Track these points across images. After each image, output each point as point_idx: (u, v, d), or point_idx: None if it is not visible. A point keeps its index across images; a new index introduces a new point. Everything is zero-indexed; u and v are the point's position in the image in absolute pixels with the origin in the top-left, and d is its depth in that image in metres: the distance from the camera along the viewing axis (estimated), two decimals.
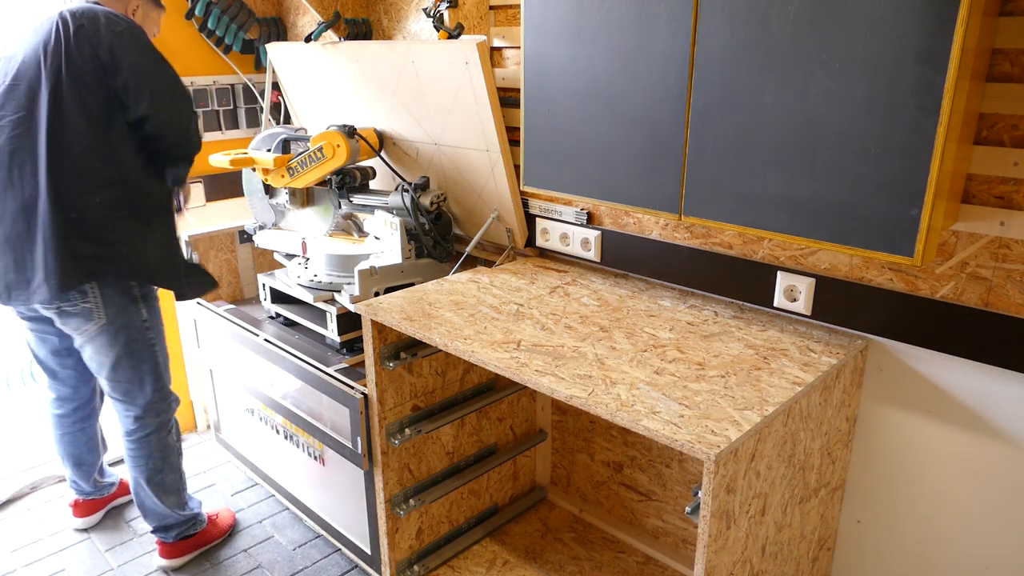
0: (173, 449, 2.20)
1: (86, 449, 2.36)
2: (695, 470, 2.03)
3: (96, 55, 1.83)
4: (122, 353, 2.03)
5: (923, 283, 1.52)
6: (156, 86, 1.89)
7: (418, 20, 2.40)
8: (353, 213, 2.53)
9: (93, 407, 2.34)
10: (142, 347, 2.05)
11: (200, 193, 2.79)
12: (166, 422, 2.17)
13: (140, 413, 2.11)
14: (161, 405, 2.14)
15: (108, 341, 2.00)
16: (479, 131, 2.11)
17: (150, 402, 2.11)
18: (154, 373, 2.10)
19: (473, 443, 2.24)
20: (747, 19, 1.36)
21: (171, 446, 2.19)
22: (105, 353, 2.02)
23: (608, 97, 1.64)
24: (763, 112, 1.39)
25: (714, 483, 1.21)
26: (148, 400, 2.11)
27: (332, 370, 2.08)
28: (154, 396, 2.11)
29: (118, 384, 2.08)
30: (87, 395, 2.30)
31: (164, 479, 2.19)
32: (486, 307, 1.84)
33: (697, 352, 1.57)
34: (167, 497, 2.21)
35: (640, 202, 1.65)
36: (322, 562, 2.31)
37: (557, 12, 1.68)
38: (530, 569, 2.13)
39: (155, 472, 2.17)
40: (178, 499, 2.24)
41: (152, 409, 2.12)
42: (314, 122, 2.78)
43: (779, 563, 1.55)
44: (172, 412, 2.19)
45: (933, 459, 1.61)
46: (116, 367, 2.04)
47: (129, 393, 2.09)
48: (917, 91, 1.19)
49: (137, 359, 2.05)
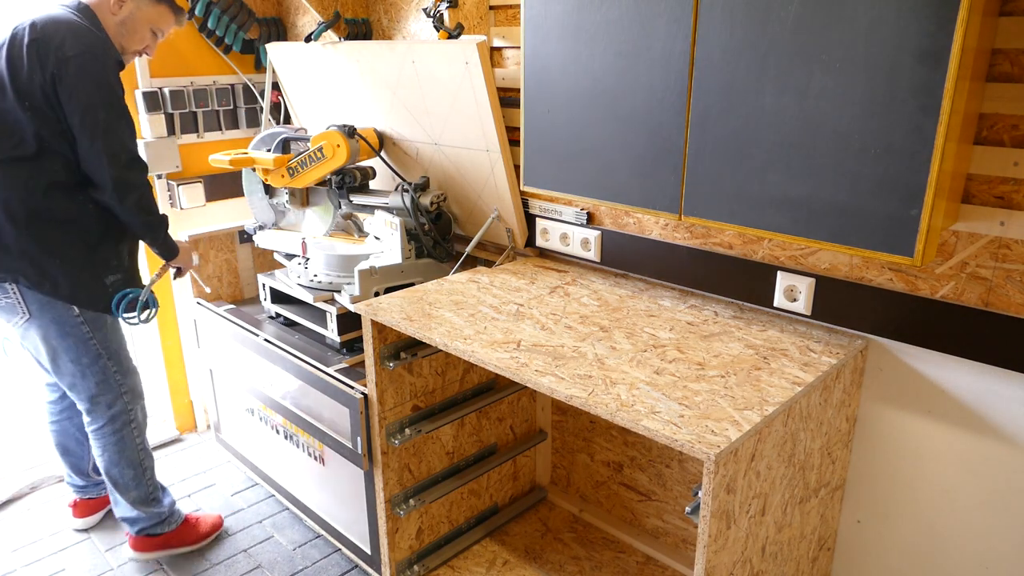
0: (129, 445, 2.16)
1: (74, 440, 2.36)
2: (695, 470, 2.03)
3: (42, 76, 1.81)
4: (57, 347, 2.02)
5: (923, 283, 1.52)
6: (94, 128, 1.85)
7: (418, 20, 2.40)
8: (353, 213, 2.53)
9: None
10: (77, 341, 2.02)
11: (200, 193, 2.79)
12: (118, 415, 2.13)
13: (88, 406, 2.11)
14: (108, 398, 2.10)
15: (38, 335, 2.00)
16: (479, 131, 2.11)
17: (94, 396, 2.09)
18: (95, 366, 2.06)
19: (473, 443, 2.24)
20: (747, 19, 1.36)
21: (127, 441, 2.15)
22: (39, 347, 2.03)
23: (608, 97, 1.64)
24: (763, 112, 1.39)
25: (714, 483, 1.21)
26: (91, 394, 2.08)
27: (332, 370, 2.08)
28: (97, 390, 2.08)
29: (62, 377, 2.08)
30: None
31: (121, 474, 2.17)
32: (486, 307, 1.84)
33: (697, 352, 1.57)
34: (125, 492, 2.19)
35: (640, 202, 1.65)
36: (322, 562, 2.31)
37: (557, 12, 1.68)
38: (530, 569, 2.13)
39: (110, 465, 2.16)
40: (138, 495, 2.21)
41: (99, 402, 2.10)
42: (314, 122, 2.78)
43: (779, 563, 1.55)
44: (126, 406, 2.14)
45: (933, 459, 1.61)
46: (54, 360, 2.04)
47: (73, 387, 2.09)
48: (917, 91, 1.19)
49: (76, 352, 2.03)
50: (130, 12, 1.99)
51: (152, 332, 2.88)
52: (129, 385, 2.15)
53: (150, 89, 2.62)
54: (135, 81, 2.61)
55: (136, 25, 2.01)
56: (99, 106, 1.85)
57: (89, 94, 1.84)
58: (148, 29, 2.04)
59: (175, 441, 2.99)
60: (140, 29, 2.02)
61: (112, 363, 2.09)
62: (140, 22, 2.02)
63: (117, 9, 1.98)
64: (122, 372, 2.12)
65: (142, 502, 2.22)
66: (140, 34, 2.04)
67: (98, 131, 1.86)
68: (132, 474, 2.18)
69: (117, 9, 1.98)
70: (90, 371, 2.06)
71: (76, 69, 1.82)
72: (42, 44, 1.81)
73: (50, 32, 1.83)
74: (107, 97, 1.87)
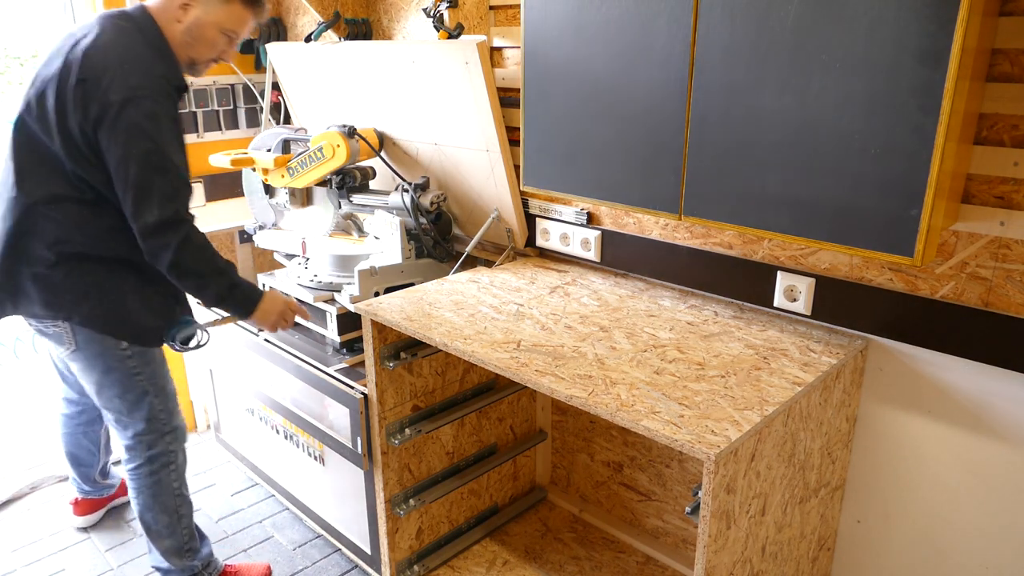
0: (167, 490, 1.98)
1: (86, 452, 2.33)
2: (695, 470, 2.03)
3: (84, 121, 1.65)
4: (102, 381, 1.88)
5: (923, 283, 1.52)
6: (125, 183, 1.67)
7: (418, 20, 2.40)
8: (353, 213, 2.53)
9: (99, 414, 2.25)
10: (123, 376, 1.88)
11: (200, 193, 2.79)
12: (157, 456, 1.96)
13: (129, 443, 1.95)
14: (150, 438, 1.94)
15: (84, 367, 1.88)
16: (479, 131, 2.11)
17: (137, 433, 1.94)
18: (141, 403, 1.91)
19: (473, 443, 2.24)
20: (747, 19, 1.36)
21: (164, 486, 1.97)
22: (85, 377, 1.91)
23: (608, 97, 1.64)
24: (763, 112, 1.39)
25: (714, 483, 1.21)
26: (136, 431, 1.93)
27: (332, 370, 2.08)
28: (144, 427, 1.93)
29: (107, 409, 1.95)
30: (93, 402, 2.13)
31: (155, 520, 1.99)
32: (486, 307, 1.84)
33: (697, 352, 1.57)
34: (158, 540, 2.02)
35: (640, 202, 1.65)
36: (322, 562, 2.31)
37: (557, 12, 1.68)
38: (530, 569, 2.13)
39: (144, 510, 1.99)
40: (172, 544, 2.02)
41: (141, 441, 1.94)
42: (314, 122, 2.78)
43: (779, 563, 1.55)
44: (167, 447, 1.97)
45: (933, 459, 1.61)
46: (100, 393, 1.91)
47: (118, 420, 1.95)
48: (917, 91, 1.19)
49: (121, 388, 1.89)
50: (196, 18, 1.75)
51: None
52: (173, 425, 1.99)
53: None
54: None
55: (205, 31, 1.78)
56: (133, 158, 1.65)
57: (125, 144, 1.64)
58: (220, 33, 1.80)
59: None
60: (211, 35, 1.79)
61: (158, 401, 1.94)
62: (210, 27, 1.78)
63: (182, 15, 1.75)
64: (167, 411, 1.97)
65: (175, 553, 2.04)
66: (211, 41, 1.80)
67: (128, 187, 1.67)
68: (167, 521, 2.00)
69: (182, 15, 1.75)
70: (136, 408, 1.92)
71: (115, 116, 1.63)
72: (89, 86, 1.63)
73: (98, 70, 1.63)
74: (144, 147, 1.65)
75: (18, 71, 2.78)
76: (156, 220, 1.69)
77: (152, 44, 1.73)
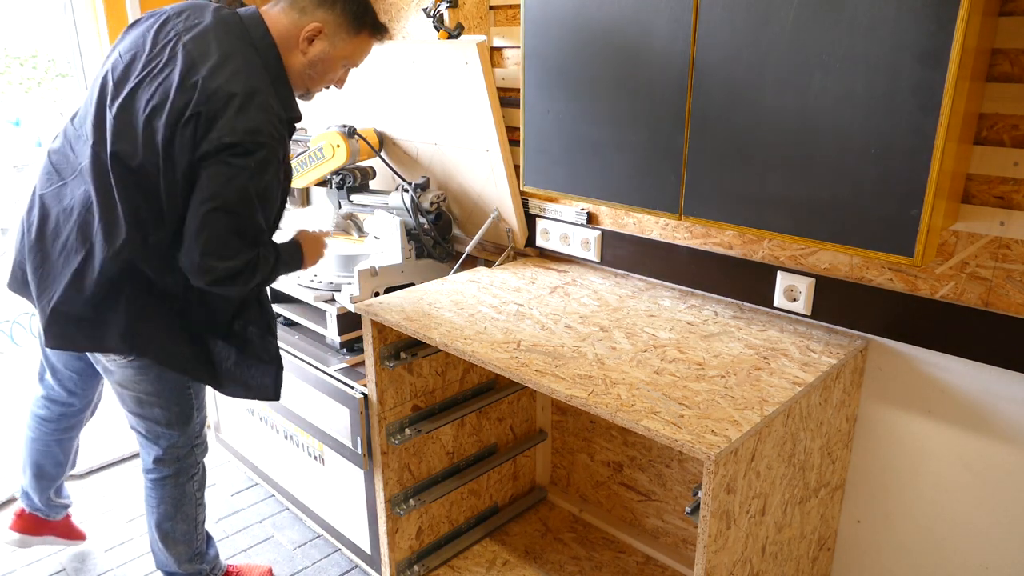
0: (190, 499, 1.95)
1: (53, 463, 2.10)
2: (695, 470, 2.03)
3: (192, 157, 1.49)
4: (151, 390, 1.77)
5: (923, 283, 1.52)
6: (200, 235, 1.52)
7: (418, 20, 2.40)
8: (353, 213, 2.53)
9: (80, 419, 2.09)
10: (174, 386, 1.79)
11: None
12: (185, 469, 1.92)
13: (160, 455, 1.87)
14: (182, 451, 1.89)
15: (136, 375, 1.74)
16: (479, 131, 2.11)
17: (172, 446, 1.86)
18: (184, 416, 1.84)
19: (473, 443, 2.24)
20: (747, 19, 1.36)
21: (188, 495, 1.95)
22: (132, 387, 1.77)
23: (608, 97, 1.64)
24: (763, 112, 1.39)
25: (714, 483, 1.21)
26: (171, 443, 1.86)
27: (332, 370, 2.08)
28: (179, 440, 1.86)
29: (142, 421, 1.83)
30: (80, 406, 2.05)
31: (174, 528, 1.96)
32: (486, 307, 1.84)
33: (697, 352, 1.57)
34: (174, 546, 1.98)
35: (640, 202, 1.65)
36: (322, 562, 2.31)
37: (557, 12, 1.68)
38: (530, 569, 2.13)
39: (164, 519, 1.94)
40: (187, 550, 2.00)
41: (172, 453, 1.88)
42: (314, 122, 2.78)
43: (779, 563, 1.55)
44: (196, 458, 1.94)
45: (933, 459, 1.61)
46: (142, 403, 1.79)
47: (151, 431, 1.84)
48: (917, 91, 1.19)
49: (167, 398, 1.80)
50: (323, 51, 1.64)
51: None
52: (203, 438, 1.95)
53: None
54: None
55: (328, 65, 1.68)
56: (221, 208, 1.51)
57: (215, 191, 1.50)
58: (341, 66, 1.72)
59: None
60: (333, 68, 1.70)
61: (199, 415, 1.89)
62: (334, 61, 1.68)
63: (307, 47, 1.62)
64: (201, 422, 1.92)
65: (188, 559, 2.01)
66: (332, 72, 1.71)
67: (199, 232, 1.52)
68: (185, 528, 1.97)
69: (307, 47, 1.62)
70: (180, 421, 1.84)
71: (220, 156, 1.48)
72: (205, 120, 1.47)
73: (217, 103, 1.47)
74: (238, 201, 1.51)
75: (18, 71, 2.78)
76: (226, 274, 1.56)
77: (271, 72, 1.59)
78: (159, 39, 1.57)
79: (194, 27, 1.56)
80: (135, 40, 1.60)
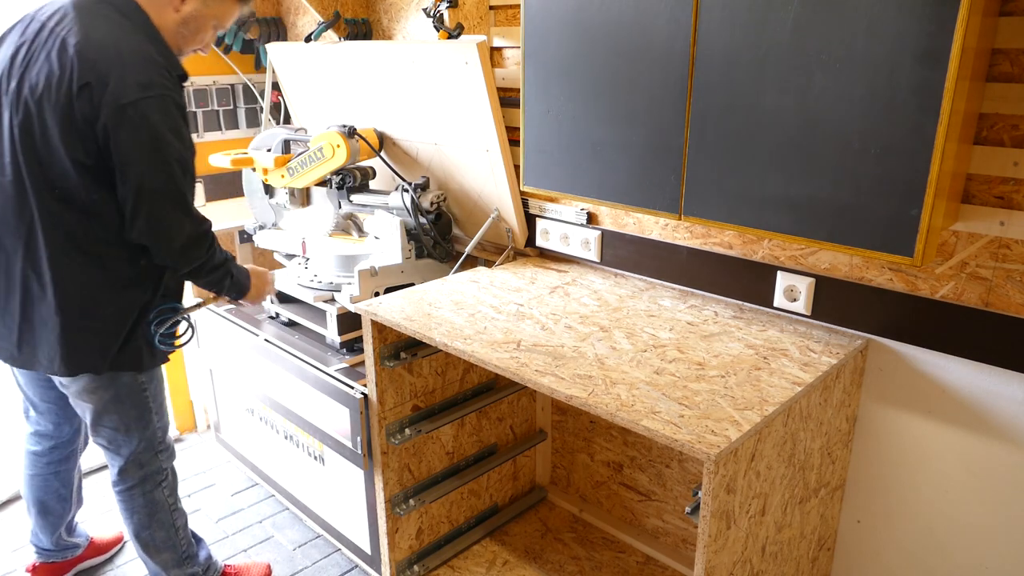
0: (162, 506, 1.95)
1: (55, 497, 2.09)
2: (695, 470, 2.03)
3: (93, 130, 1.54)
4: (109, 398, 1.80)
5: (923, 283, 1.52)
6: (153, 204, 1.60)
7: (418, 20, 2.40)
8: (353, 213, 2.53)
9: (73, 449, 2.09)
10: (132, 393, 1.82)
11: (200, 193, 2.79)
12: (151, 476, 1.92)
13: (123, 464, 1.88)
14: (145, 456, 1.89)
15: (95, 385, 1.78)
16: (479, 131, 2.11)
17: (134, 452, 1.87)
18: (142, 421, 1.86)
19: (473, 443, 2.24)
20: (747, 19, 1.36)
21: (159, 502, 1.94)
22: (88, 398, 1.79)
23: (608, 97, 1.64)
24: (763, 112, 1.39)
25: (714, 483, 1.21)
26: (132, 450, 1.87)
27: (332, 370, 2.08)
28: (140, 446, 1.87)
29: (103, 431, 1.85)
30: (68, 434, 2.05)
31: (152, 536, 1.96)
32: (486, 307, 1.84)
33: (697, 352, 1.57)
34: (157, 554, 1.98)
35: (640, 202, 1.65)
36: (322, 562, 2.31)
37: (557, 12, 1.68)
38: (530, 569, 2.13)
39: (141, 529, 1.95)
40: (173, 556, 2.00)
41: (136, 460, 1.88)
42: (314, 122, 2.78)
43: (779, 563, 1.55)
44: (161, 464, 1.94)
45: (933, 459, 1.61)
46: (101, 414, 1.82)
47: (113, 441, 1.86)
48: (917, 91, 1.19)
49: (126, 404, 1.82)
50: (195, 9, 1.69)
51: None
52: (167, 443, 1.96)
53: None
54: None
55: (200, 24, 1.72)
56: (158, 167, 1.59)
57: (149, 153, 1.57)
58: (212, 26, 1.76)
59: (175, 441, 2.98)
60: (204, 27, 1.74)
61: (158, 419, 1.91)
62: (206, 19, 1.73)
63: (180, 5, 1.67)
64: (163, 429, 1.93)
65: (175, 564, 2.01)
66: (203, 33, 1.75)
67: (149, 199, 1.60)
68: (164, 535, 1.97)
69: (180, 5, 1.67)
70: (136, 426, 1.85)
71: (131, 121, 1.54)
72: (96, 91, 1.52)
73: (103, 69, 1.52)
74: (169, 154, 1.60)
75: None
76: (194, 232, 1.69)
77: (145, 32, 1.64)
78: (27, 35, 1.63)
79: (57, 12, 1.62)
80: (7, 46, 1.66)
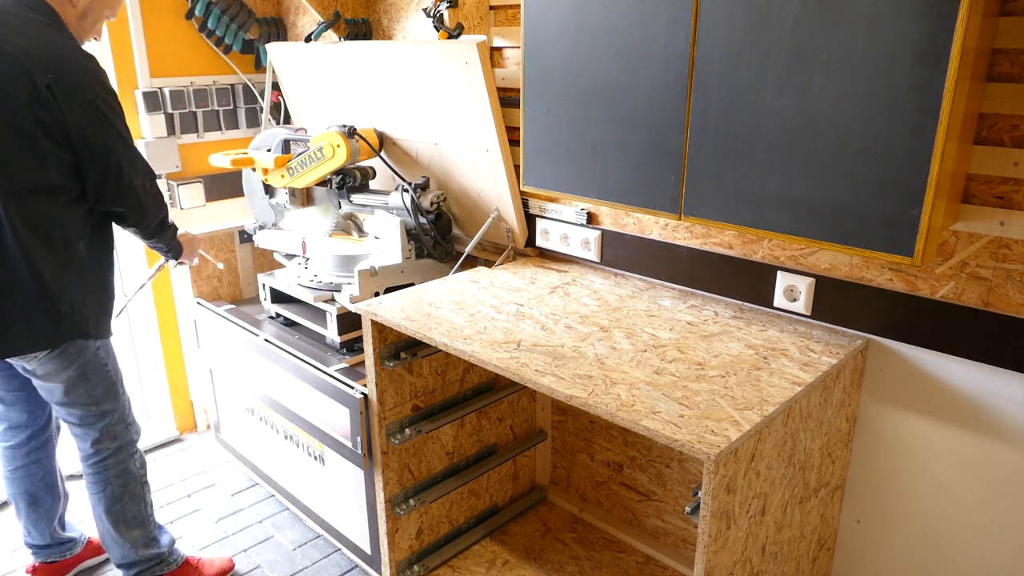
0: (135, 478, 2.02)
1: (42, 486, 2.09)
2: (695, 470, 2.03)
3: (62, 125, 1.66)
4: (75, 375, 1.85)
5: (923, 283, 1.52)
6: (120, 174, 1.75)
7: (418, 20, 2.40)
8: (353, 213, 2.54)
9: (49, 436, 2.10)
10: (96, 367, 1.88)
11: (200, 193, 2.79)
12: (125, 446, 1.99)
13: (98, 436, 1.94)
14: (119, 427, 1.97)
15: (59, 365, 1.82)
16: (479, 131, 2.11)
17: (108, 425, 1.94)
18: (111, 393, 1.93)
19: (473, 443, 2.24)
20: (747, 19, 1.36)
21: (132, 473, 2.01)
22: (55, 379, 1.84)
23: (608, 97, 1.64)
24: (763, 112, 1.39)
25: (714, 483, 1.21)
26: (105, 423, 1.94)
27: (332, 370, 2.08)
28: (112, 419, 1.95)
29: (72, 409, 1.90)
30: (43, 421, 2.07)
31: (124, 509, 2.00)
32: (486, 307, 1.84)
33: (697, 352, 1.57)
34: (128, 531, 2.02)
35: (640, 202, 1.65)
36: (322, 562, 2.31)
37: (557, 12, 1.68)
38: (530, 569, 2.13)
39: (114, 501, 1.99)
40: (142, 533, 2.05)
41: (109, 432, 1.95)
42: (314, 122, 2.78)
43: (779, 563, 1.55)
44: (132, 437, 2.01)
45: (933, 459, 1.61)
46: (70, 391, 1.86)
47: (85, 418, 1.92)
48: (917, 91, 1.19)
49: (92, 381, 1.88)
50: (90, 2, 1.78)
51: (152, 332, 2.88)
52: (132, 417, 2.02)
53: (150, 89, 2.62)
54: (135, 81, 2.61)
55: (96, 16, 1.82)
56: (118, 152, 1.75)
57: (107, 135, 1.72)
58: (105, 16, 1.86)
59: (175, 441, 2.99)
60: (99, 18, 1.84)
61: (122, 390, 1.98)
62: (100, 11, 1.82)
63: (77, 0, 1.76)
64: (127, 401, 2.01)
65: (145, 543, 2.06)
66: (99, 24, 1.85)
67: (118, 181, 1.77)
68: (135, 510, 2.03)
69: (77, 0, 1.76)
70: (105, 399, 1.92)
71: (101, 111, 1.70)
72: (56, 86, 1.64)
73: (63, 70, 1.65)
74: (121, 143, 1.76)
75: None
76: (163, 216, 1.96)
77: (61, 30, 1.73)
78: None
79: None
80: None
